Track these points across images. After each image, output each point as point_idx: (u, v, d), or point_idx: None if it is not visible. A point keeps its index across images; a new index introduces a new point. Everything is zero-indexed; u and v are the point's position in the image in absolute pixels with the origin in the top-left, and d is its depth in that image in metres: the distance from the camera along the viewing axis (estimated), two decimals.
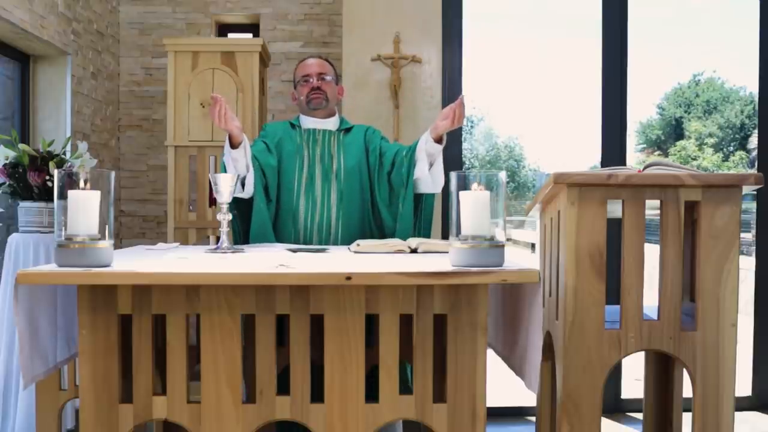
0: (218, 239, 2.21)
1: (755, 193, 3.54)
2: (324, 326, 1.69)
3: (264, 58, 4.01)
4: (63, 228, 1.61)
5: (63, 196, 1.62)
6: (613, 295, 2.28)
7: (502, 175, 1.70)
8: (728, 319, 2.08)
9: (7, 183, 3.18)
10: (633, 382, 3.79)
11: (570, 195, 2.09)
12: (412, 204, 2.65)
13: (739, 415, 2.65)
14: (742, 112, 29.26)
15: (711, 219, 2.09)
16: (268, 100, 4.56)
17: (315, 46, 4.82)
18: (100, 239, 1.61)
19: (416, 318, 1.72)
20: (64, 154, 3.31)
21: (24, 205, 3.17)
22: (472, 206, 1.66)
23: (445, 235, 3.58)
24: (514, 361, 1.94)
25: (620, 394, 3.82)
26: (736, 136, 29.27)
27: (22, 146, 3.15)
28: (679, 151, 28.98)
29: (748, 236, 8.98)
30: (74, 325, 1.83)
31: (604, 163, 3.80)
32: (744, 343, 2.92)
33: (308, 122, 2.76)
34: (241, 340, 1.72)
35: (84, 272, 1.56)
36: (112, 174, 1.68)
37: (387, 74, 3.85)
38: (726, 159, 28.65)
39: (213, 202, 3.77)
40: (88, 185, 1.62)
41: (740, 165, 27.89)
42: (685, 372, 2.17)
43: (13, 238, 3.14)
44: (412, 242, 2.17)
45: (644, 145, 30.97)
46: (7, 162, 3.16)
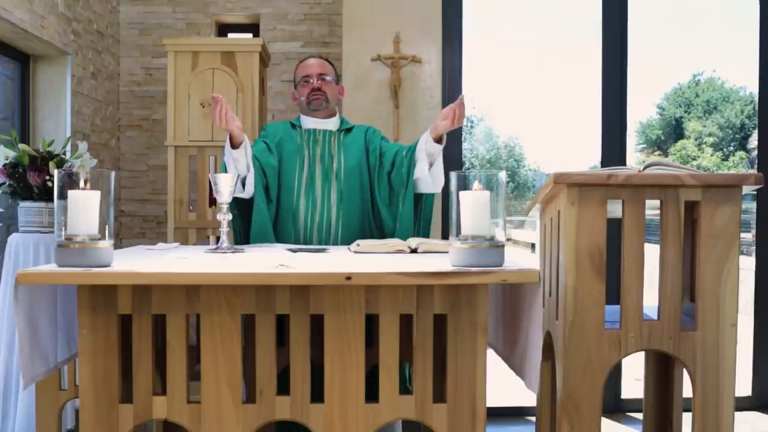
0: (218, 239, 2.21)
1: (755, 193, 3.54)
2: (324, 326, 1.69)
3: (264, 58, 4.01)
4: (63, 228, 1.61)
5: (63, 196, 1.62)
6: (613, 295, 2.28)
7: (502, 175, 1.70)
8: (728, 319, 2.08)
9: (7, 183, 3.18)
10: (633, 382, 3.79)
11: (570, 195, 2.09)
12: (412, 204, 2.65)
13: (739, 415, 2.65)
14: (742, 112, 29.26)
15: (711, 219, 2.09)
16: (268, 100, 4.56)
17: (315, 46, 4.82)
18: (100, 239, 1.61)
19: (416, 318, 1.72)
20: (64, 154, 3.31)
21: (24, 205, 3.17)
22: (472, 206, 1.66)
23: (445, 235, 3.58)
24: (514, 361, 1.94)
25: (620, 394, 3.82)
26: (736, 136, 29.27)
27: (22, 146, 3.15)
28: (678, 151, 28.98)
29: (748, 236, 8.98)
30: (74, 325, 1.83)
31: (604, 163, 3.80)
32: (744, 343, 2.92)
33: (309, 122, 2.76)
34: (241, 340, 1.72)
35: (84, 272, 1.56)
36: (112, 174, 1.68)
37: (387, 74, 3.85)
38: (726, 159, 28.65)
39: (213, 202, 3.77)
40: (88, 185, 1.62)
41: (740, 165, 27.89)
42: (685, 372, 2.17)
43: (13, 238, 3.14)
44: (412, 242, 2.17)
45: (644, 145, 30.97)
46: (7, 162, 3.16)
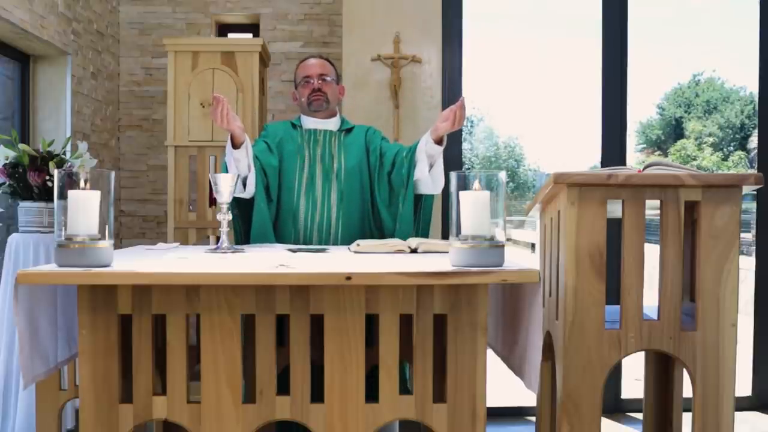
0: (218, 239, 2.21)
1: (755, 193, 3.54)
2: (324, 326, 1.69)
3: (264, 58, 4.01)
4: (63, 228, 1.61)
5: (63, 196, 1.62)
6: (613, 295, 2.28)
7: (502, 175, 1.70)
8: (728, 319, 2.08)
9: (7, 183, 3.18)
10: (633, 382, 3.79)
11: (570, 195, 2.09)
12: (412, 205, 2.65)
13: (739, 415, 2.65)
14: (742, 112, 29.26)
15: (711, 219, 2.09)
16: (268, 100, 4.56)
17: (315, 46, 4.82)
18: (100, 239, 1.61)
19: (416, 318, 1.72)
20: (64, 154, 3.31)
21: (24, 205, 3.17)
22: (472, 206, 1.66)
23: (445, 235, 3.58)
24: (513, 361, 1.94)
25: (620, 394, 3.82)
26: (736, 136, 29.27)
27: (22, 146, 3.15)
28: (678, 151, 28.98)
29: (748, 236, 8.98)
30: (74, 325, 1.83)
31: (604, 163, 3.80)
32: (744, 343, 2.92)
33: (309, 122, 2.76)
34: (241, 340, 1.72)
35: (84, 272, 1.56)
36: (112, 174, 1.68)
37: (387, 74, 3.85)
38: (725, 159, 28.65)
39: (213, 202, 3.77)
40: (88, 185, 1.62)
41: (740, 165, 27.89)
42: (685, 372, 2.17)
43: (13, 238, 3.14)
44: (412, 242, 2.17)
45: (644, 145, 30.97)
46: (7, 162, 3.16)
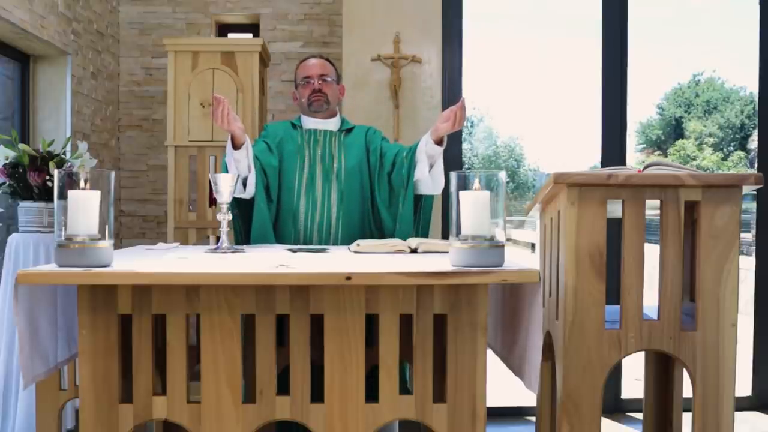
0: (218, 239, 2.21)
1: (755, 193, 3.54)
2: (324, 326, 1.69)
3: (264, 58, 4.01)
4: (63, 228, 1.61)
5: (63, 196, 1.62)
6: (613, 295, 2.28)
7: (502, 175, 1.70)
8: (728, 319, 2.08)
9: (7, 183, 3.18)
10: (633, 382, 3.79)
11: (570, 195, 2.09)
12: (412, 205, 2.65)
13: (739, 415, 2.65)
14: (742, 112, 29.27)
15: (711, 219, 2.09)
16: (268, 100, 4.56)
17: (315, 46, 4.82)
18: (100, 239, 1.61)
19: (416, 318, 1.72)
20: (64, 154, 3.31)
21: (24, 205, 3.17)
22: (472, 206, 1.66)
23: (445, 235, 3.58)
24: (512, 361, 1.94)
25: (620, 394, 3.82)
26: (736, 136, 29.28)
27: (22, 146, 3.15)
28: (678, 151, 28.99)
29: (748, 236, 8.98)
30: (74, 325, 1.83)
31: (604, 163, 3.80)
32: (744, 343, 2.92)
33: (309, 122, 2.76)
34: (241, 340, 1.72)
35: (84, 272, 1.56)
36: (112, 174, 1.68)
37: (387, 74, 3.85)
38: (725, 159, 28.66)
39: (213, 202, 3.77)
40: (88, 185, 1.62)
41: (740, 165, 27.90)
42: (685, 372, 2.17)
43: (13, 238, 3.14)
44: (412, 242, 2.17)
45: (644, 145, 30.98)
46: (7, 162, 3.16)
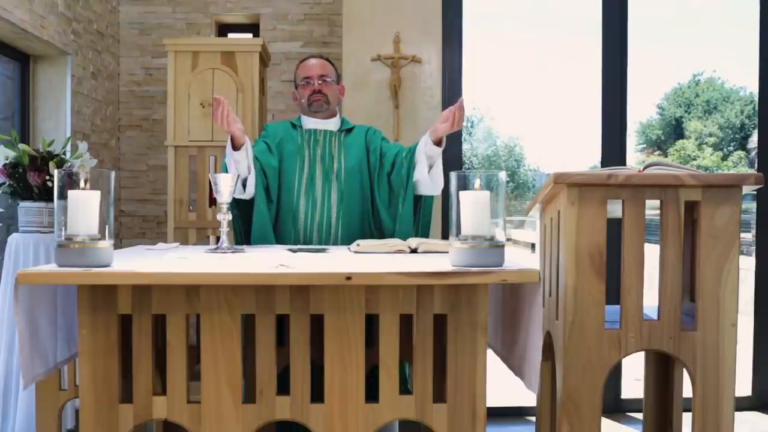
0: (218, 239, 2.21)
1: (755, 193, 3.54)
2: (324, 326, 1.69)
3: (264, 58, 4.01)
4: (63, 228, 1.61)
5: (63, 196, 1.62)
6: (613, 295, 2.28)
7: (502, 175, 1.70)
8: (728, 319, 2.08)
9: (7, 183, 3.18)
10: (633, 382, 3.79)
11: (570, 195, 2.09)
12: (412, 205, 2.65)
13: (739, 415, 2.65)
14: (742, 112, 29.28)
15: (711, 219, 2.09)
16: (268, 100, 4.56)
17: (315, 46, 4.82)
18: (100, 239, 1.61)
19: (416, 318, 1.72)
20: (64, 154, 3.31)
21: (24, 205, 3.17)
22: (472, 206, 1.65)
23: (445, 235, 3.58)
24: (513, 361, 1.93)
25: (620, 394, 3.82)
26: (736, 136, 29.29)
27: (22, 146, 3.15)
28: (678, 151, 28.99)
29: (748, 236, 8.99)
30: (74, 325, 1.83)
31: (604, 163, 3.80)
32: (744, 343, 2.92)
33: (309, 123, 2.76)
34: (241, 340, 1.72)
35: (84, 272, 1.56)
36: (112, 174, 1.68)
37: (387, 74, 3.85)
38: (725, 159, 28.66)
39: (213, 202, 3.77)
40: (88, 185, 1.62)
41: (740, 165, 27.90)
42: (685, 372, 2.17)
43: (13, 238, 3.14)
44: (412, 242, 2.17)
45: (644, 145, 30.99)
46: (7, 162, 3.16)
